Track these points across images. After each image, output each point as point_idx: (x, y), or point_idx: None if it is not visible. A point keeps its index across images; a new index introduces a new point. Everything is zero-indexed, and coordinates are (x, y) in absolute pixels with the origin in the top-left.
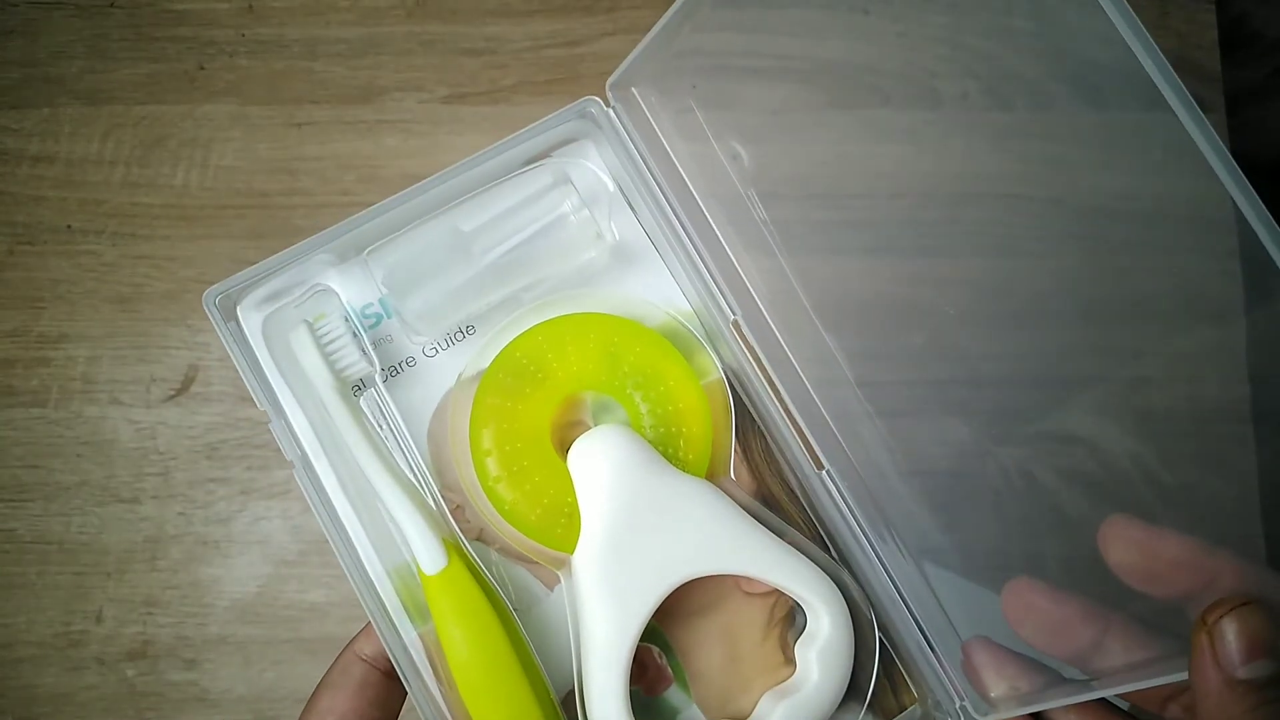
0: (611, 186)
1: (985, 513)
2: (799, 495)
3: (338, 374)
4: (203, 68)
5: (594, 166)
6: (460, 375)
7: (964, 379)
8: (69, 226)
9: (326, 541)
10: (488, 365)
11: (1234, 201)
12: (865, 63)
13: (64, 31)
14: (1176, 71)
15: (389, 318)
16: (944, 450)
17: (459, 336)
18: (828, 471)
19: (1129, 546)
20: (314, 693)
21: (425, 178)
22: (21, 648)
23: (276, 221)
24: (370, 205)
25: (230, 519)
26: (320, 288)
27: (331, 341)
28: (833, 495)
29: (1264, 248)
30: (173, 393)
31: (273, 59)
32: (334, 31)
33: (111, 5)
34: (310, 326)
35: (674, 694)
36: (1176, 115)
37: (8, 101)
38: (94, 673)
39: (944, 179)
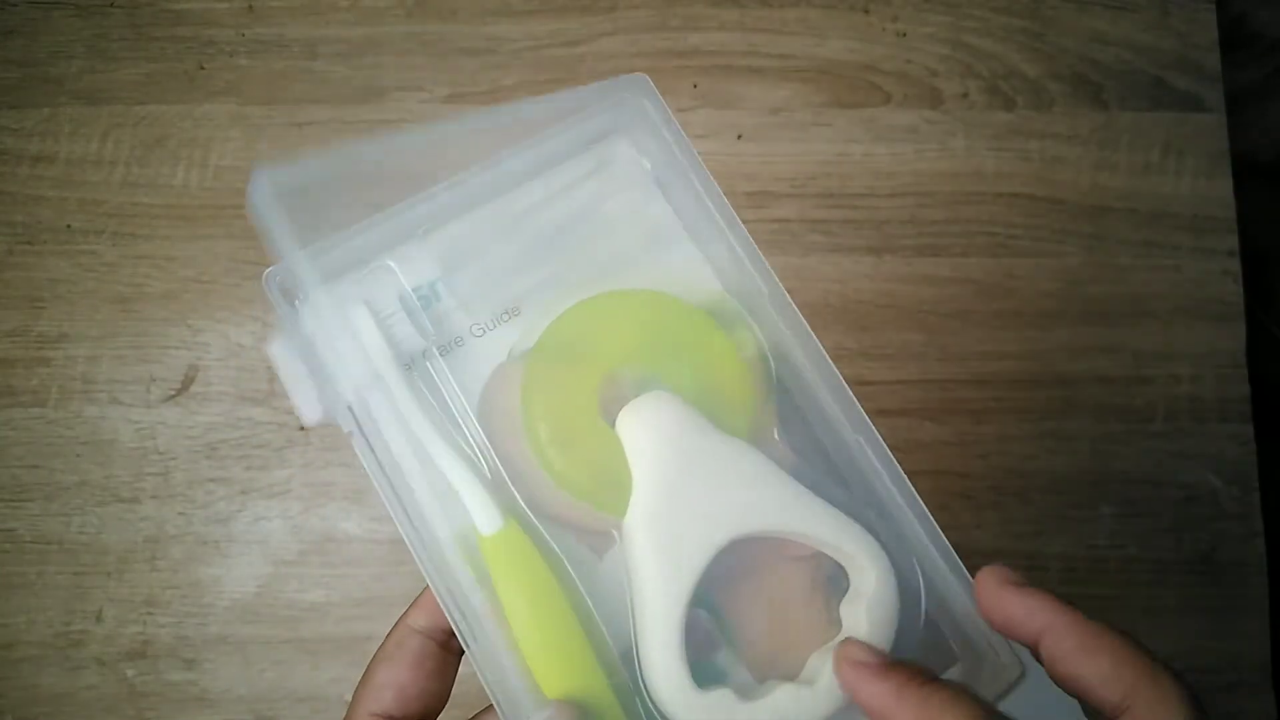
0: (649, 167)
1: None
2: (837, 461)
3: (396, 350)
4: (203, 67)
5: (634, 149)
6: (510, 352)
7: (965, 377)
8: (69, 226)
9: (327, 541)
10: (535, 341)
11: (1235, 201)
12: (868, 62)
13: (64, 31)
14: (1177, 71)
15: (439, 300)
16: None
17: (505, 318)
18: (864, 437)
19: (986, 599)
20: (369, 668)
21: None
22: (21, 648)
23: None
24: (375, 206)
25: (230, 519)
26: (378, 264)
27: (389, 315)
28: (870, 457)
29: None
30: (172, 393)
31: (273, 59)
32: (334, 31)
33: (111, 5)
34: (370, 305)
35: (724, 657)
36: (1177, 115)
37: (7, 101)
38: (94, 673)
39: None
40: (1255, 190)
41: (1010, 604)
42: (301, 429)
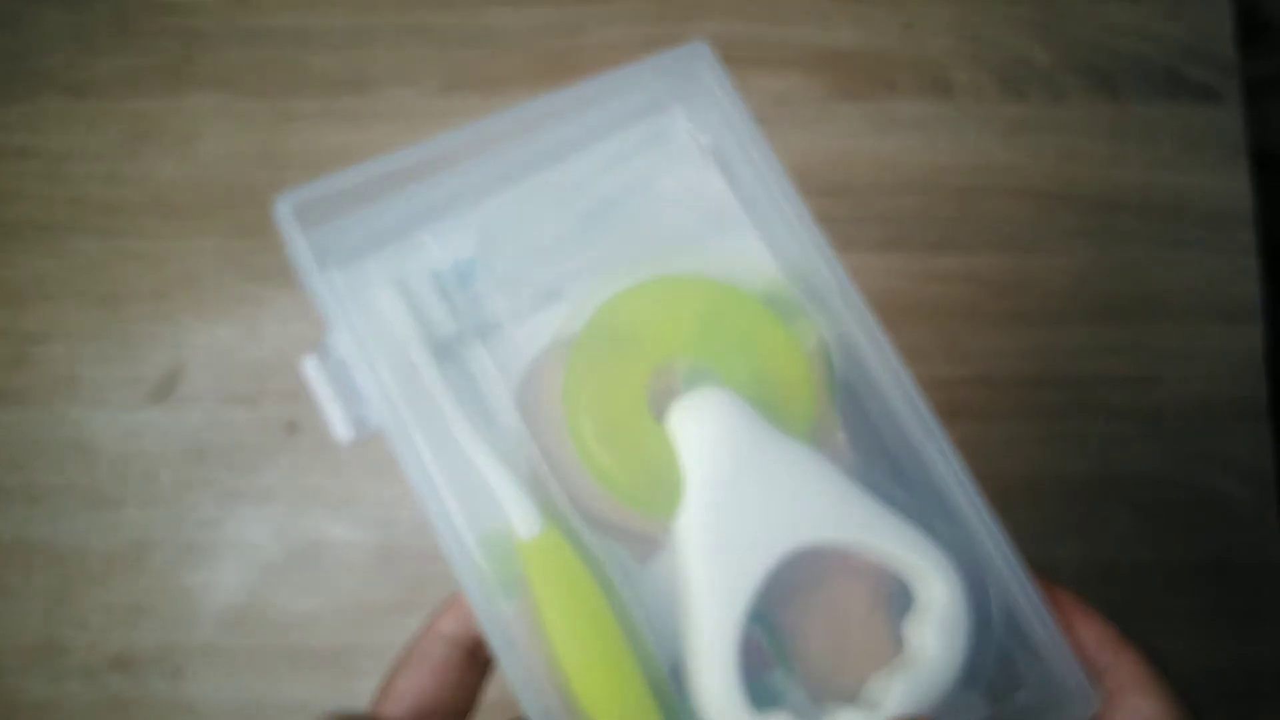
0: (707, 143)
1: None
2: (904, 465)
3: (428, 335)
4: (190, 59)
5: (692, 123)
6: (553, 339)
7: (974, 377)
8: (53, 222)
9: (313, 547)
10: (580, 328)
11: (1252, 195)
12: (875, 52)
13: (48, 23)
14: (1192, 62)
15: (475, 281)
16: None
17: (546, 302)
18: (934, 440)
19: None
20: (389, 675)
21: None
22: (4, 655)
23: (265, 216)
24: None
25: (216, 523)
26: (410, 240)
27: (421, 296)
28: (940, 462)
29: None
30: (158, 393)
31: (261, 49)
32: (324, 20)
33: None
34: (402, 285)
35: (777, 676)
36: (1191, 107)
37: None
38: (78, 681)
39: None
40: (1273, 184)
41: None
42: (290, 432)
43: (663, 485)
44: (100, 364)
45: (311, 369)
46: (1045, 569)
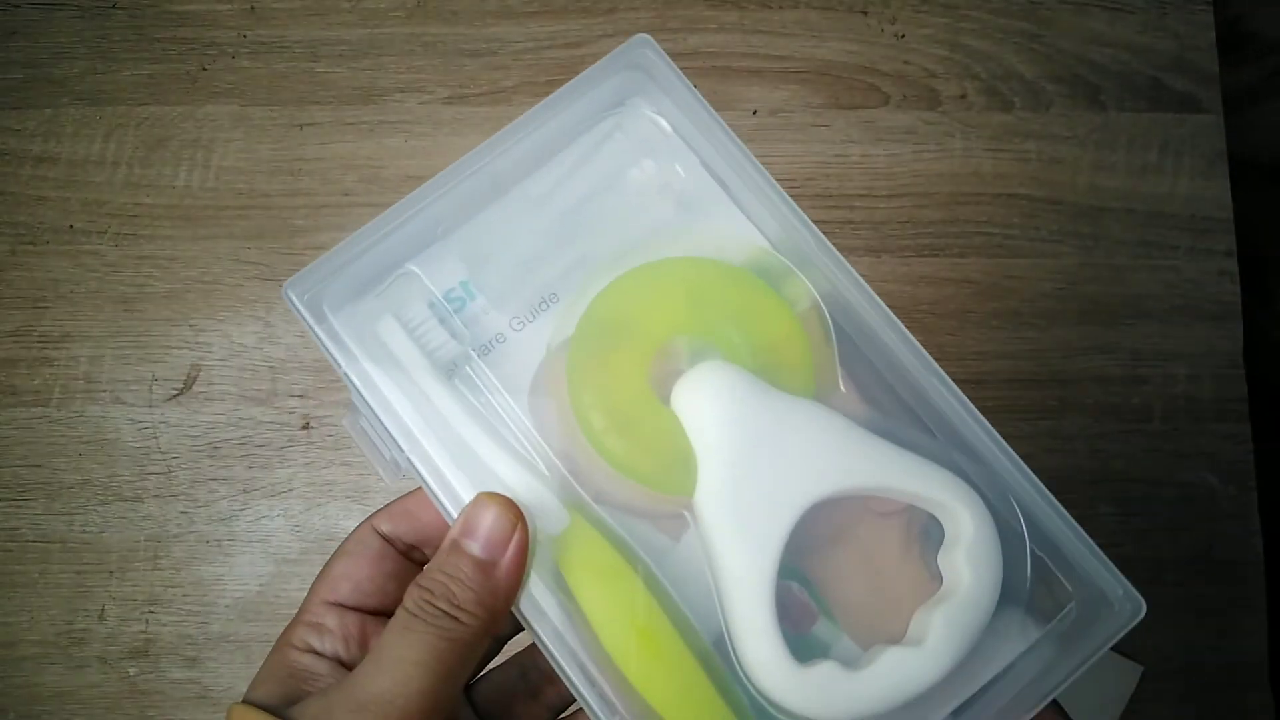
0: (668, 128)
1: None
2: (911, 406)
3: (432, 358)
4: (205, 69)
5: (650, 111)
6: (550, 343)
7: (963, 378)
8: (71, 227)
9: (329, 540)
10: (575, 325)
11: (1232, 202)
12: (866, 64)
13: (66, 32)
14: (1174, 72)
15: (472, 299)
16: None
17: (543, 307)
18: (936, 377)
19: None
20: (327, 563)
21: (426, 178)
22: (24, 646)
23: (278, 222)
24: (376, 206)
25: (232, 518)
26: (401, 272)
27: (419, 325)
28: (947, 397)
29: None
30: (175, 392)
31: (274, 60)
32: (335, 33)
33: (114, 6)
34: (398, 316)
35: (822, 628)
36: (1174, 116)
37: (10, 102)
38: (96, 671)
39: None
40: (1253, 191)
41: None
42: (305, 428)
43: (678, 464)
44: (118, 364)
45: (349, 425)
46: None
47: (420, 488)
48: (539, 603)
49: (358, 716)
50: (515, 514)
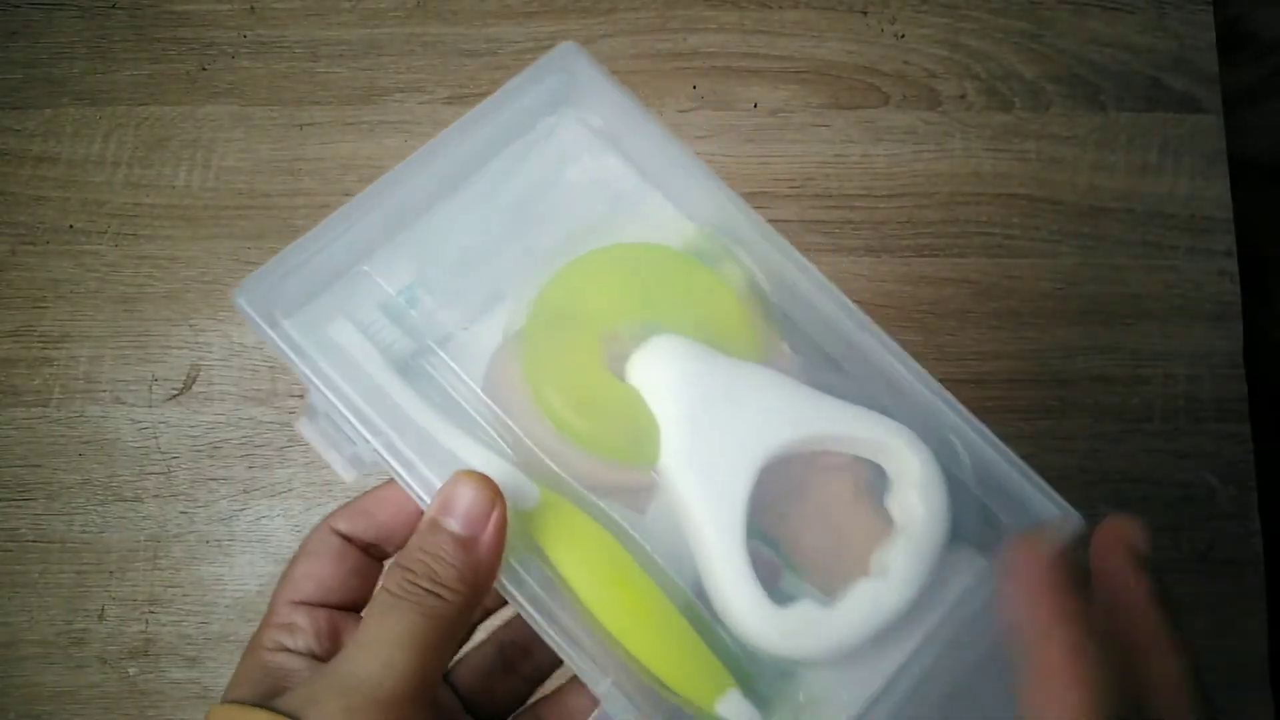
0: (599, 123)
1: None
2: (848, 363)
3: (387, 355)
4: (204, 69)
5: (583, 112)
6: (504, 333)
7: (963, 378)
8: (71, 226)
9: None
10: (525, 316)
11: (1232, 202)
12: (866, 64)
13: (66, 32)
14: (1174, 72)
15: (420, 300)
16: None
17: (491, 303)
18: (870, 333)
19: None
20: (288, 566)
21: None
22: (24, 646)
23: (278, 222)
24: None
25: (232, 518)
26: (351, 274)
27: (372, 324)
28: (881, 350)
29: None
30: (175, 392)
31: (274, 60)
32: (335, 33)
33: (113, 6)
34: (350, 317)
35: (788, 582)
36: (1174, 116)
37: (10, 102)
38: (96, 671)
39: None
40: (1252, 190)
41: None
42: None
43: (638, 433)
44: (118, 364)
45: (305, 429)
46: None
47: (375, 488)
48: (519, 573)
49: (345, 700)
50: (493, 490)
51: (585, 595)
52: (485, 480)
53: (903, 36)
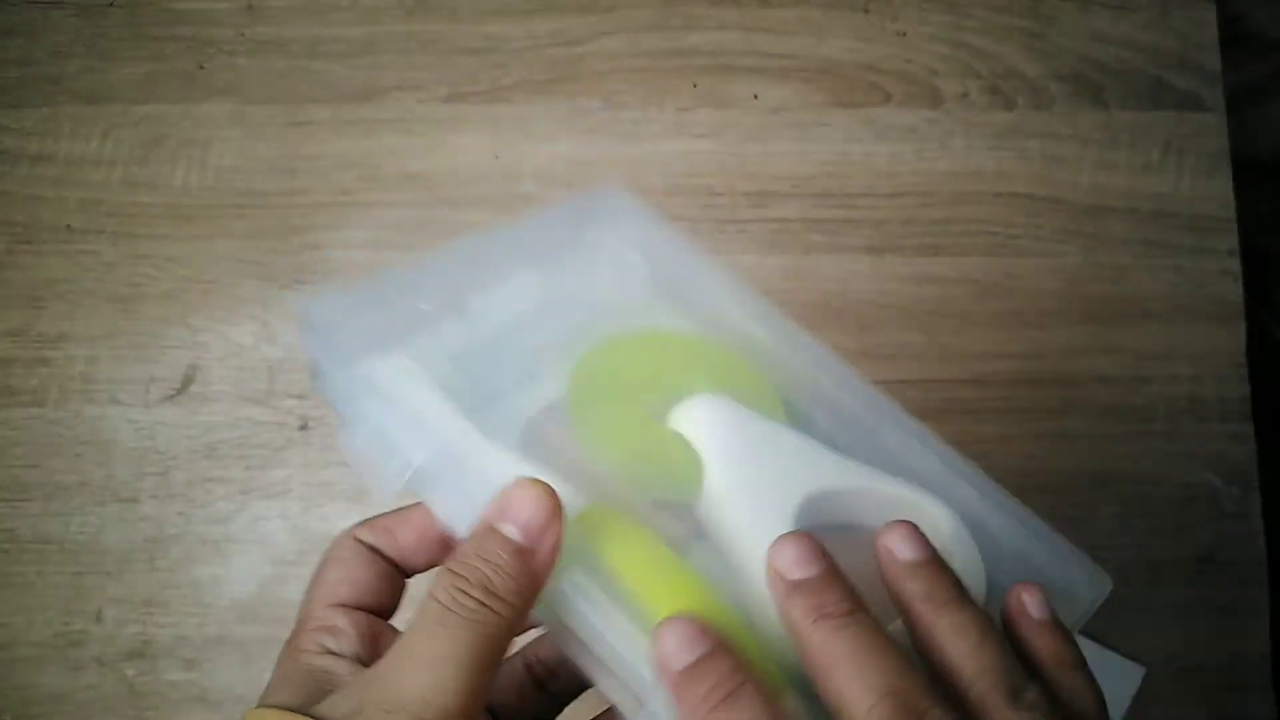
0: (636, 259)
1: None
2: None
3: (456, 403)
4: (202, 67)
5: (625, 237)
6: (538, 404)
7: (965, 377)
8: (68, 226)
9: (327, 541)
10: (570, 382)
11: (1235, 200)
12: (868, 62)
13: (63, 31)
14: (1177, 71)
15: (476, 364)
16: None
17: (525, 381)
18: (901, 418)
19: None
20: (317, 572)
21: (425, 177)
22: (21, 647)
23: (276, 221)
24: (374, 204)
25: (229, 518)
26: (418, 314)
27: (442, 376)
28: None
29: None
30: (172, 392)
31: (272, 58)
32: (333, 31)
33: (111, 4)
34: (424, 364)
35: None
36: (1177, 114)
37: (7, 101)
38: (93, 672)
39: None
40: (1255, 189)
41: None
42: (302, 429)
43: (683, 465)
44: (115, 364)
45: (346, 442)
46: None
47: (399, 509)
48: (564, 593)
49: (391, 718)
50: (555, 501)
51: (644, 593)
52: (548, 489)
53: (905, 34)
